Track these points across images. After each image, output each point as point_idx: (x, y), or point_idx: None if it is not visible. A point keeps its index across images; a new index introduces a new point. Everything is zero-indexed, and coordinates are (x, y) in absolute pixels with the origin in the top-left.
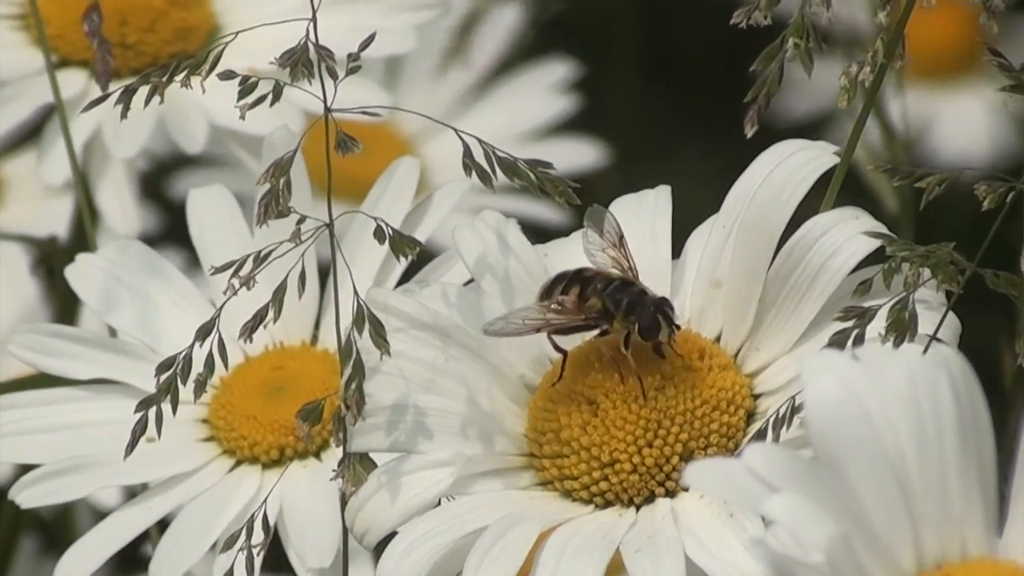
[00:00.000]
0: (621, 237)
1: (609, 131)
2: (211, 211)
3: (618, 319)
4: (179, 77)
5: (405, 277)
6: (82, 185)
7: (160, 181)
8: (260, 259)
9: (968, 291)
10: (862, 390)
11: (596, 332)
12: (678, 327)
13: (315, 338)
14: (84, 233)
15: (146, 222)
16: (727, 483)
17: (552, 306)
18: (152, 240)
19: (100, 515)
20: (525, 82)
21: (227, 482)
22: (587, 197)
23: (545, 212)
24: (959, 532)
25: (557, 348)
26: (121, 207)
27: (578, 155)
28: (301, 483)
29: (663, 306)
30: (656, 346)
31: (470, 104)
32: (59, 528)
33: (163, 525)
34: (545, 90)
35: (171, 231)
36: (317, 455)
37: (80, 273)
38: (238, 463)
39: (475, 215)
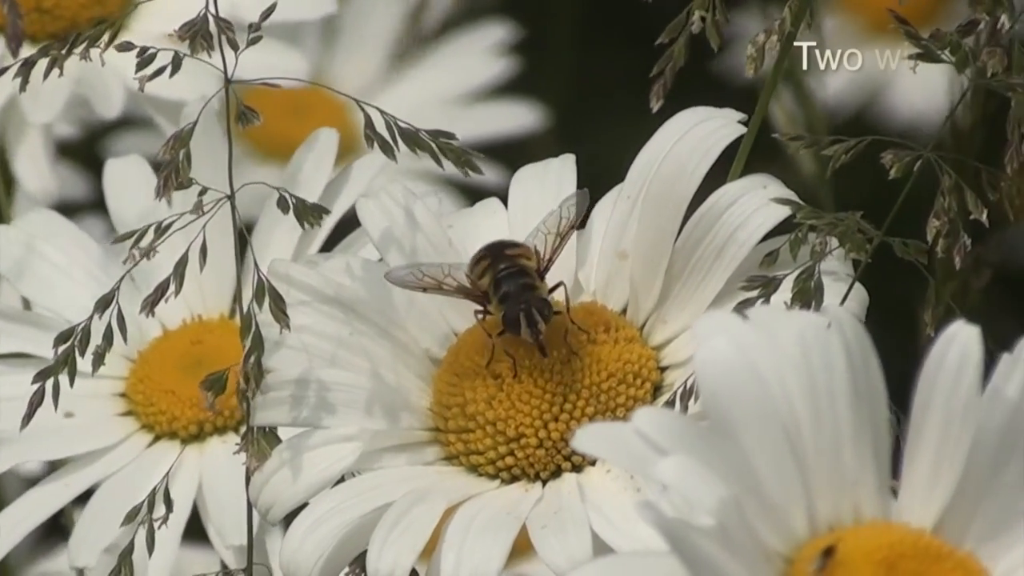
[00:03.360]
0: (573, 227)
1: (549, 94)
2: (128, 181)
3: (493, 305)
4: (78, 50)
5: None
6: None
7: (91, 146)
8: (162, 230)
9: (887, 258)
10: (754, 352)
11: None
12: (540, 331)
13: (234, 311)
14: None
15: (75, 188)
16: (616, 447)
17: (455, 272)
18: (81, 207)
19: (27, 482)
20: (462, 45)
21: (146, 457)
22: (525, 160)
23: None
24: (852, 495)
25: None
26: (38, 173)
27: (515, 118)
28: (220, 459)
29: (534, 306)
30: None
31: (407, 67)
32: None
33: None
34: (482, 52)
35: (101, 197)
36: (236, 430)
37: None
38: (157, 438)
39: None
